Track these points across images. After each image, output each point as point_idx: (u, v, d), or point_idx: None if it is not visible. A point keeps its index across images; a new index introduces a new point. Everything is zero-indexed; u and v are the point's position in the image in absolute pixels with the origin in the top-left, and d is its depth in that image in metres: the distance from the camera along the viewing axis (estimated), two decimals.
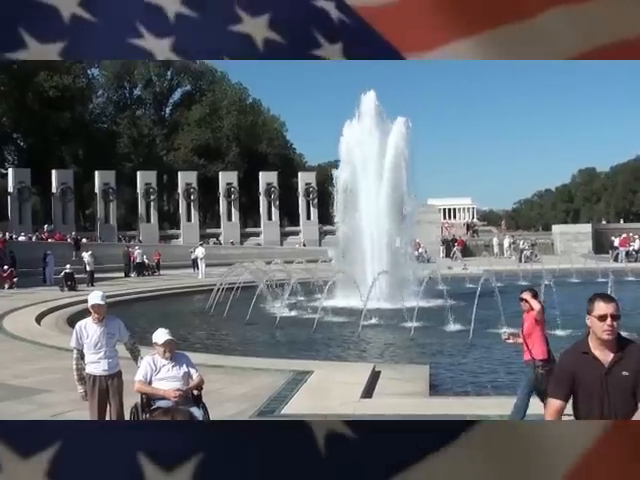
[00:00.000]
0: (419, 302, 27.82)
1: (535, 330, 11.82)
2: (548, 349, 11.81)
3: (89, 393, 10.15)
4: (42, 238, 64.24)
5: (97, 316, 10.13)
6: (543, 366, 11.57)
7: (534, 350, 11.70)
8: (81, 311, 29.12)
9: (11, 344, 22.88)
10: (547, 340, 11.95)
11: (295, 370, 16.29)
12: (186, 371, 9.48)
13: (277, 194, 79.06)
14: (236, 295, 33.47)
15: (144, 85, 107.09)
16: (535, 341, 11.78)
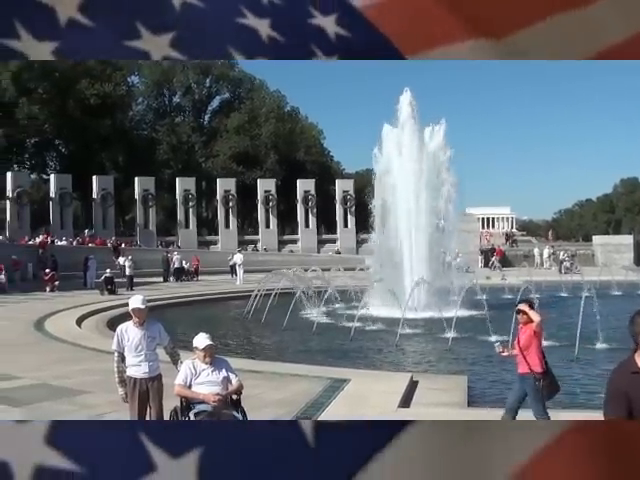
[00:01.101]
0: (457, 312, 27.68)
1: (533, 342, 11.68)
2: (545, 361, 11.72)
3: (129, 395, 10.22)
4: (83, 243, 64.83)
5: (138, 320, 10.20)
6: (543, 378, 11.50)
7: (532, 362, 11.57)
8: (121, 315, 29.39)
9: (52, 346, 23.12)
10: (543, 352, 11.84)
11: (332, 377, 16.28)
12: (225, 376, 9.52)
13: (314, 202, 78.97)
14: (274, 301, 33.56)
15: (183, 92, 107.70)
16: (533, 353, 11.64)
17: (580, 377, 19.37)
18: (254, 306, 33.71)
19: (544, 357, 11.74)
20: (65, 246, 61.56)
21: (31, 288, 44.05)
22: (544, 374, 11.52)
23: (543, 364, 11.60)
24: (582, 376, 19.47)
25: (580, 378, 19.23)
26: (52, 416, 13.10)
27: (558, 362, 21.63)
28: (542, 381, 11.43)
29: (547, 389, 11.51)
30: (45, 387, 16.07)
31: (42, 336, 25.41)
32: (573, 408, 14.44)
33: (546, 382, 11.45)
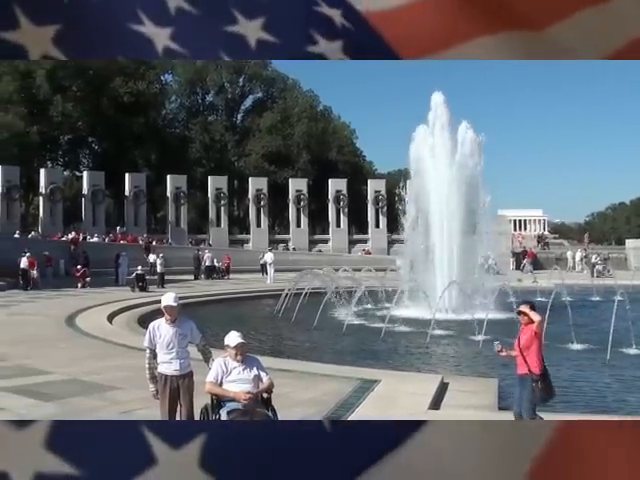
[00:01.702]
0: (489, 314, 27.51)
1: (534, 343, 11.63)
2: (543, 363, 11.65)
3: (160, 392, 10.23)
4: (114, 240, 65.21)
5: (170, 317, 10.21)
6: (541, 380, 11.45)
7: (532, 364, 11.52)
8: (152, 312, 29.55)
9: (83, 341, 23.26)
10: (542, 354, 11.77)
11: (363, 378, 16.23)
12: (256, 374, 9.51)
13: (346, 201, 78.86)
14: (304, 301, 33.53)
15: (216, 91, 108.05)
16: (532, 354, 11.59)
17: (610, 382, 19.22)
18: (284, 305, 33.74)
19: (543, 360, 11.69)
20: (97, 243, 61.97)
21: (63, 284, 44.35)
22: (542, 376, 11.48)
23: (542, 366, 11.55)
24: (613, 380, 19.32)
25: (610, 382, 19.09)
26: (83, 411, 13.20)
27: (589, 366, 21.58)
28: (539, 383, 11.40)
29: (542, 392, 11.46)
30: (76, 382, 16.16)
31: (73, 332, 25.57)
32: (602, 413, 14.31)
33: (543, 385, 11.41)
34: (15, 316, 29.59)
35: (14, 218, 66.98)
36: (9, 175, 66.33)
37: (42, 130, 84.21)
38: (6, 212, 66.35)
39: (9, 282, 43.31)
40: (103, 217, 72.91)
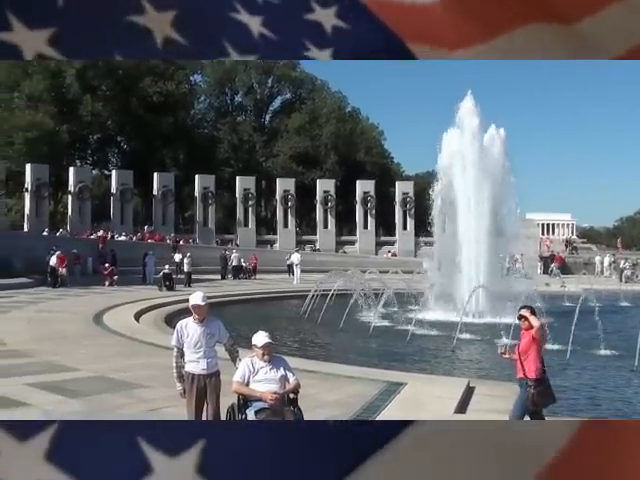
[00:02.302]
0: (516, 319, 27.30)
1: (532, 348, 11.56)
2: (542, 369, 11.57)
3: (187, 391, 10.25)
4: (142, 238, 65.56)
5: (198, 316, 10.22)
6: (535, 386, 11.36)
7: (528, 368, 11.46)
8: (178, 310, 29.67)
9: (110, 339, 23.39)
10: (542, 359, 11.69)
11: (388, 381, 16.18)
12: (283, 374, 9.52)
13: (374, 203, 78.76)
14: (330, 302, 33.54)
15: (245, 92, 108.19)
16: (530, 359, 11.51)
17: (639, 388, 19.09)
18: (311, 306, 33.77)
19: (543, 365, 11.62)
20: (125, 241, 62.36)
21: (90, 282, 44.61)
22: (537, 381, 11.41)
23: (540, 372, 11.49)
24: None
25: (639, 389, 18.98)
26: (109, 409, 13.28)
27: (616, 372, 21.42)
28: (533, 388, 11.34)
29: (538, 397, 11.39)
30: (102, 380, 16.25)
31: (101, 330, 25.73)
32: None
33: (538, 390, 11.35)
34: (43, 313, 29.78)
35: (43, 216, 67.49)
36: (39, 173, 66.86)
37: (71, 129, 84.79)
38: (35, 210, 66.88)
39: (37, 279, 43.63)
40: (131, 216, 73.26)
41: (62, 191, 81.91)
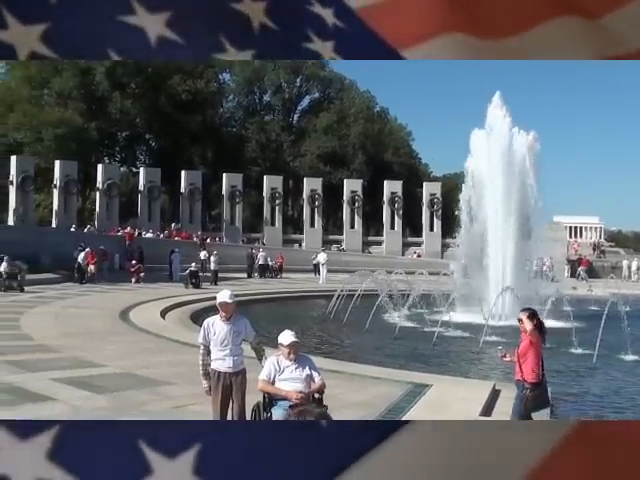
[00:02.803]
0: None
1: (529, 351, 11.54)
2: (540, 372, 11.51)
3: (213, 388, 10.29)
4: (169, 236, 65.81)
5: (225, 314, 10.25)
6: (531, 389, 11.36)
7: (526, 371, 11.43)
8: (205, 308, 29.79)
9: (136, 336, 23.49)
10: (542, 363, 11.62)
11: (413, 382, 16.13)
12: (309, 374, 9.52)
13: (401, 203, 78.58)
14: (356, 302, 33.49)
15: (274, 91, 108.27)
16: (528, 362, 11.49)
17: None
18: (336, 306, 33.76)
19: (541, 369, 11.57)
20: (152, 239, 62.59)
21: (117, 279, 44.83)
22: (535, 385, 11.38)
23: (538, 375, 11.44)
24: None
25: None
26: (135, 405, 13.32)
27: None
28: (529, 391, 11.31)
29: (533, 401, 11.36)
30: (129, 376, 16.31)
31: (127, 326, 25.84)
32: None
33: (534, 393, 11.32)
34: (70, 309, 29.93)
35: (71, 212, 67.91)
36: (67, 170, 67.27)
37: (100, 126, 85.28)
38: (63, 206, 67.29)
39: (64, 275, 43.87)
40: (158, 213, 73.53)
41: (90, 188, 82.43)
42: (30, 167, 67.30)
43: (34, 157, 73.95)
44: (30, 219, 67.20)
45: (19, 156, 69.84)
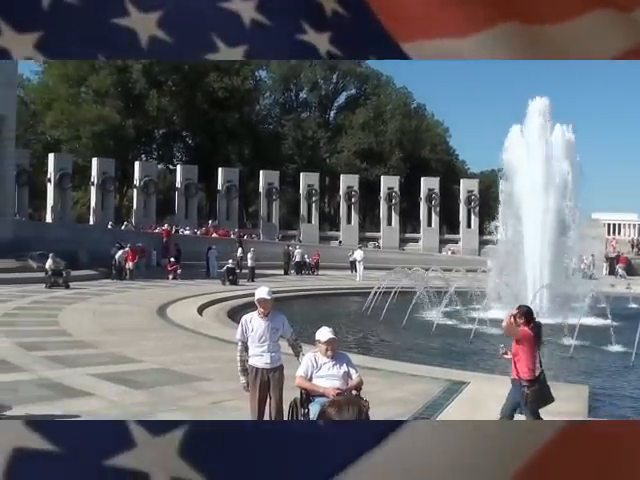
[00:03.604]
0: (580, 319, 26.98)
1: (520, 348, 11.44)
2: (536, 369, 11.39)
3: (250, 384, 10.32)
4: (206, 233, 66.08)
5: (263, 310, 10.28)
6: (528, 386, 11.24)
7: (520, 369, 11.34)
8: (242, 305, 29.88)
9: (174, 332, 23.60)
10: (537, 359, 11.49)
11: (451, 379, 16.08)
12: (346, 370, 9.50)
13: (438, 200, 78.33)
14: (393, 299, 33.41)
15: (310, 88, 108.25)
16: (522, 360, 11.39)
17: None
18: (373, 303, 33.70)
19: (538, 365, 11.47)
20: (189, 236, 62.93)
21: (154, 275, 45.07)
22: (531, 382, 11.28)
23: (532, 372, 11.32)
24: None
25: None
26: (172, 400, 13.37)
27: None
28: (527, 388, 11.22)
29: (532, 397, 11.25)
30: (166, 372, 16.39)
31: (164, 322, 25.98)
32: None
33: (532, 390, 11.22)
34: (107, 305, 30.13)
35: (108, 209, 68.47)
36: (105, 167, 67.83)
37: (137, 124, 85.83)
38: (101, 203, 67.89)
39: (102, 272, 44.18)
40: (195, 210, 73.93)
41: (127, 185, 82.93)
42: (68, 165, 67.97)
43: (72, 155, 74.66)
44: (68, 216, 67.85)
45: (57, 154, 70.66)
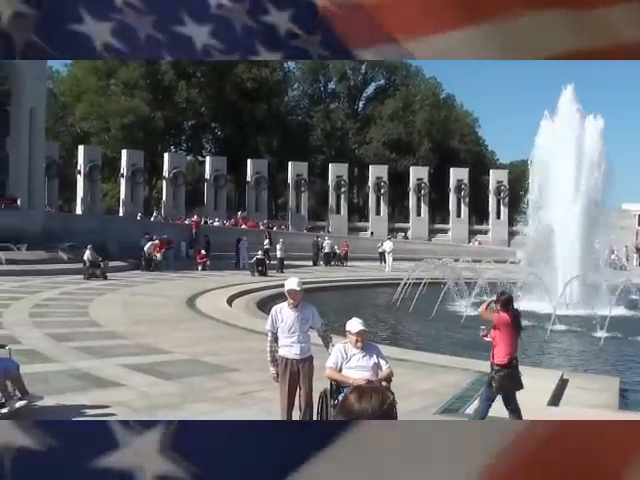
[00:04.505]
0: (611, 311, 26.83)
1: (497, 334, 11.47)
2: (511, 355, 11.33)
3: (280, 375, 10.35)
4: (235, 224, 66.22)
5: (293, 301, 10.28)
6: (497, 371, 11.29)
7: (496, 354, 11.37)
8: (271, 296, 29.89)
9: (203, 323, 23.68)
10: (513, 346, 11.43)
11: (481, 371, 15.97)
12: (376, 362, 9.48)
13: (467, 191, 78.08)
14: (422, 291, 33.33)
15: (339, 79, 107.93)
16: (498, 345, 11.42)
17: None
18: (402, 294, 33.63)
19: (513, 351, 11.43)
20: (218, 227, 63.05)
21: (184, 266, 45.20)
22: (501, 366, 11.26)
23: (507, 358, 11.30)
24: None
25: None
26: (202, 391, 13.41)
27: None
28: (495, 372, 11.29)
29: (500, 380, 11.26)
30: (196, 363, 16.45)
31: (194, 313, 26.05)
32: None
33: (500, 374, 11.24)
34: (137, 296, 30.27)
35: (138, 201, 68.78)
36: (134, 159, 68.15)
37: (166, 115, 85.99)
38: (130, 195, 68.19)
39: (131, 263, 44.37)
40: (224, 202, 74.06)
41: (157, 177, 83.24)
42: (97, 157, 68.32)
43: (101, 147, 75.00)
44: (97, 208, 68.22)
45: (87, 146, 71.02)
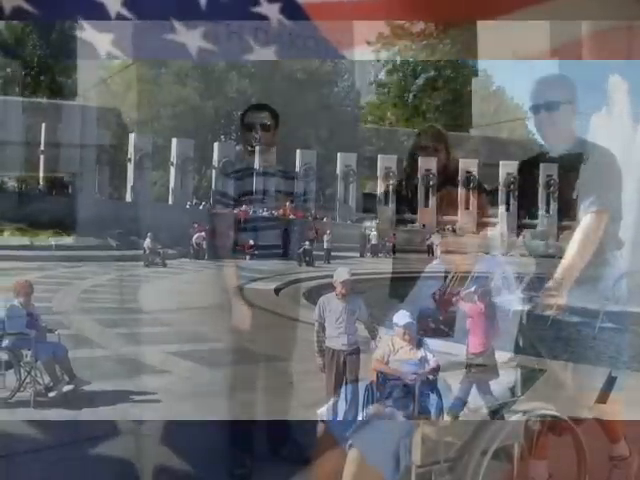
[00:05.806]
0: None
1: (471, 323, 11.23)
2: (485, 344, 11.14)
3: (327, 366, 10.34)
4: (283, 214, 66.27)
5: (341, 292, 10.27)
6: (472, 359, 11.02)
7: (472, 343, 11.13)
8: (318, 286, 29.77)
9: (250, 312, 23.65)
10: (488, 335, 11.23)
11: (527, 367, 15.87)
12: (423, 355, 9.42)
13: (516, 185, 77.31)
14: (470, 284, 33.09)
15: (389, 70, 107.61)
16: (474, 334, 11.17)
17: None
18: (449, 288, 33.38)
19: (488, 341, 11.27)
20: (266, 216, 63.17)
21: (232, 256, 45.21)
22: (475, 355, 11.07)
23: (484, 347, 11.11)
24: None
25: None
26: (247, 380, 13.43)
27: None
28: (471, 361, 11.07)
29: (475, 371, 11.07)
30: (242, 351, 16.36)
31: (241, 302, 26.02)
32: None
33: (476, 363, 11.05)
34: (184, 284, 30.47)
35: (187, 190, 69.07)
36: (184, 148, 68.35)
37: (217, 105, 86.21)
38: (180, 184, 68.48)
39: (180, 251, 44.67)
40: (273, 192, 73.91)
41: (206, 166, 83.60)
42: (148, 145, 68.68)
43: (152, 135, 75.45)
44: (147, 196, 68.66)
45: (137, 134, 71.41)
